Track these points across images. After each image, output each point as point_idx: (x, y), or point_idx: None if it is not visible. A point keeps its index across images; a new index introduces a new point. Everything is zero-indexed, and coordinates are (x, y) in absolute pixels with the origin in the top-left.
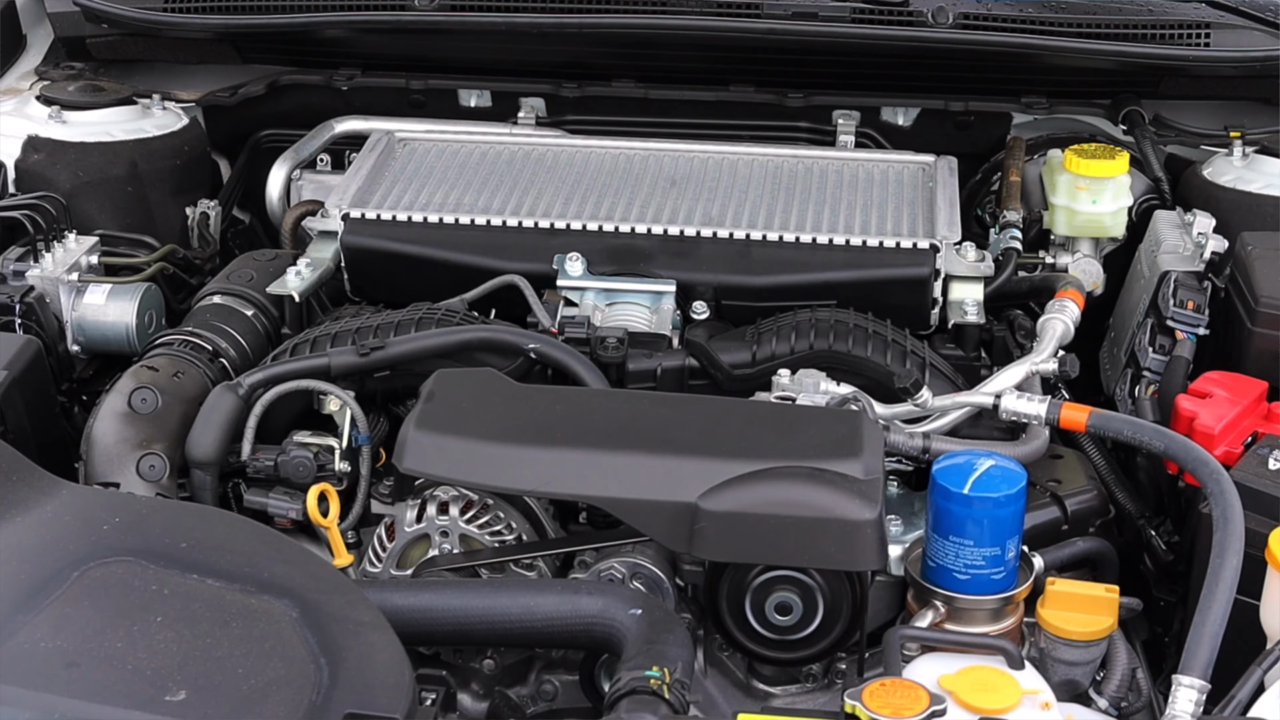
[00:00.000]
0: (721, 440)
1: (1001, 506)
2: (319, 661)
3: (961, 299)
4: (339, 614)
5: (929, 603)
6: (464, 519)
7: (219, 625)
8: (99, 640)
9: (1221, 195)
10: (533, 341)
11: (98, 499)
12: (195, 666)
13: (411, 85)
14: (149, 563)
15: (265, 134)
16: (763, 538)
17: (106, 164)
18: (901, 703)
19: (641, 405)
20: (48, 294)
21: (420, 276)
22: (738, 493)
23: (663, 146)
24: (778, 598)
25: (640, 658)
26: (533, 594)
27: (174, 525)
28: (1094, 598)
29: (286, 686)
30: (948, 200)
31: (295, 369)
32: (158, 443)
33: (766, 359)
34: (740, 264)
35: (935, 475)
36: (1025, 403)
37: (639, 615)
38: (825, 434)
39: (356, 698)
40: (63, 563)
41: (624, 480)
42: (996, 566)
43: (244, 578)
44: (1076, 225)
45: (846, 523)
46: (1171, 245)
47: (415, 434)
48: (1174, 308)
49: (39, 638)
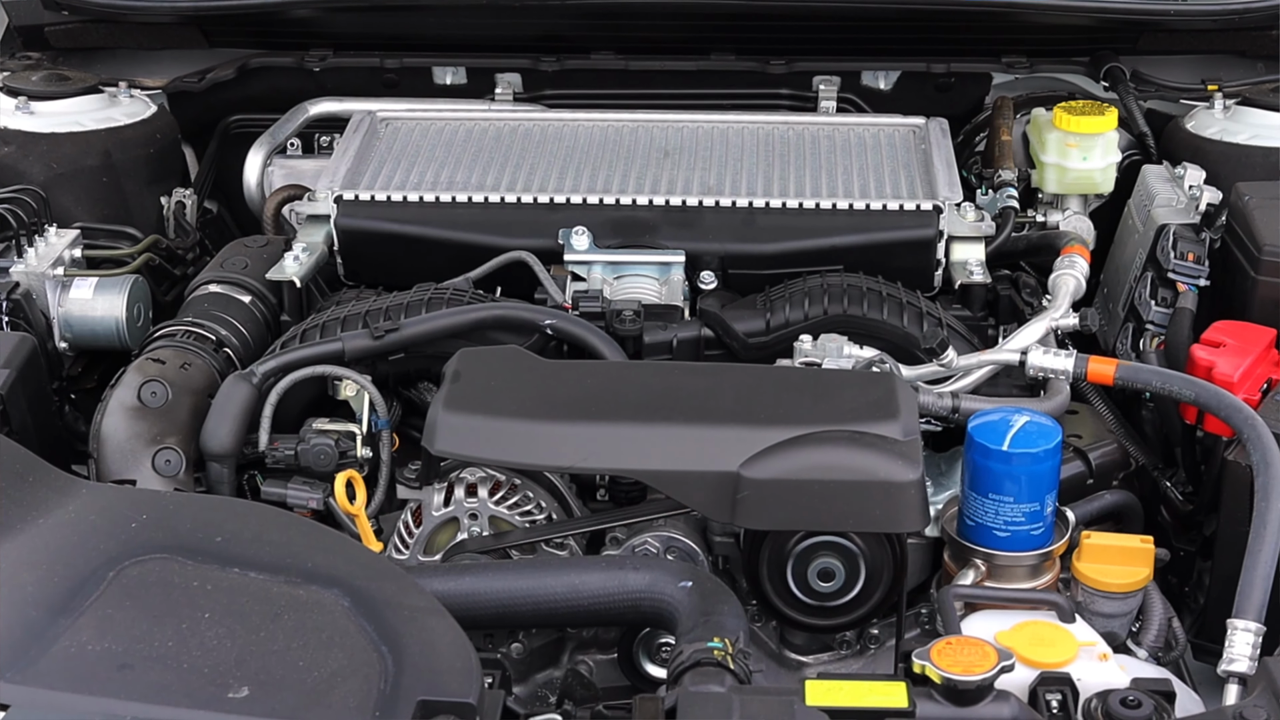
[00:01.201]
0: (758, 408)
1: (1040, 462)
2: (380, 650)
3: (964, 259)
4: (392, 600)
5: (969, 562)
6: (493, 500)
7: (270, 619)
8: (148, 640)
9: (1210, 148)
10: (549, 317)
11: (121, 496)
12: (253, 662)
13: (386, 64)
14: (185, 559)
15: (235, 119)
16: (806, 504)
17: (79, 154)
18: (971, 660)
19: (674, 376)
20: (33, 290)
21: (419, 257)
22: (779, 459)
23: (651, 118)
24: (820, 564)
25: (700, 630)
26: (578, 572)
27: (204, 519)
28: (1130, 549)
29: (352, 677)
30: (944, 161)
31: (308, 355)
32: (171, 436)
33: (781, 326)
34: (746, 232)
35: (972, 433)
36: (1052, 358)
37: (690, 587)
38: (861, 397)
39: (425, 684)
40: (96, 563)
41: (663, 452)
42: (1036, 522)
43: (287, 569)
44: (1067, 182)
45: (890, 484)
46: (1165, 199)
47: (445, 415)
48: (1175, 260)
49: (85, 640)
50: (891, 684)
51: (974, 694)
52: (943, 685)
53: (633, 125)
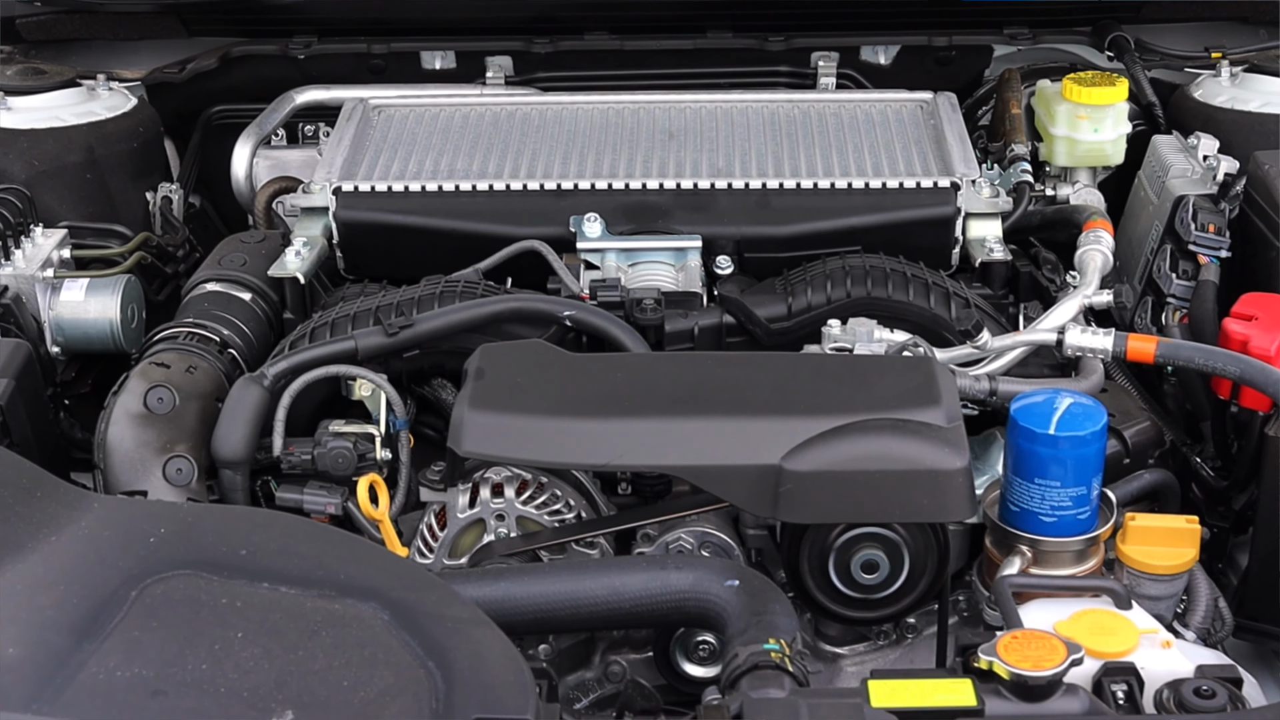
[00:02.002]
0: (796, 397)
1: (1087, 445)
2: (427, 666)
3: (982, 236)
4: (434, 612)
5: (1014, 549)
6: (520, 500)
7: (307, 636)
8: (180, 664)
9: (1222, 116)
10: (567, 309)
11: (135, 509)
12: (294, 683)
13: (373, 49)
14: (211, 574)
15: (217, 110)
16: (851, 495)
17: (62, 151)
18: (1040, 654)
19: (707, 367)
20: (22, 293)
21: (423, 249)
22: (822, 451)
23: (651, 99)
24: (863, 556)
25: (753, 631)
26: (618, 574)
27: (226, 531)
28: (1176, 530)
29: (400, 696)
30: (957, 136)
31: (320, 355)
32: (181, 444)
33: (803, 310)
34: (761, 214)
35: (1016, 417)
36: (1090, 337)
37: (737, 587)
38: (901, 383)
39: (479, 701)
40: (116, 582)
41: (701, 447)
42: (1082, 506)
43: (319, 582)
44: (1078, 155)
45: (938, 473)
46: (1180, 169)
47: (472, 414)
48: (1195, 232)
49: (112, 666)
50: (957, 681)
51: (1044, 689)
52: (1011, 681)
53: (633, 107)
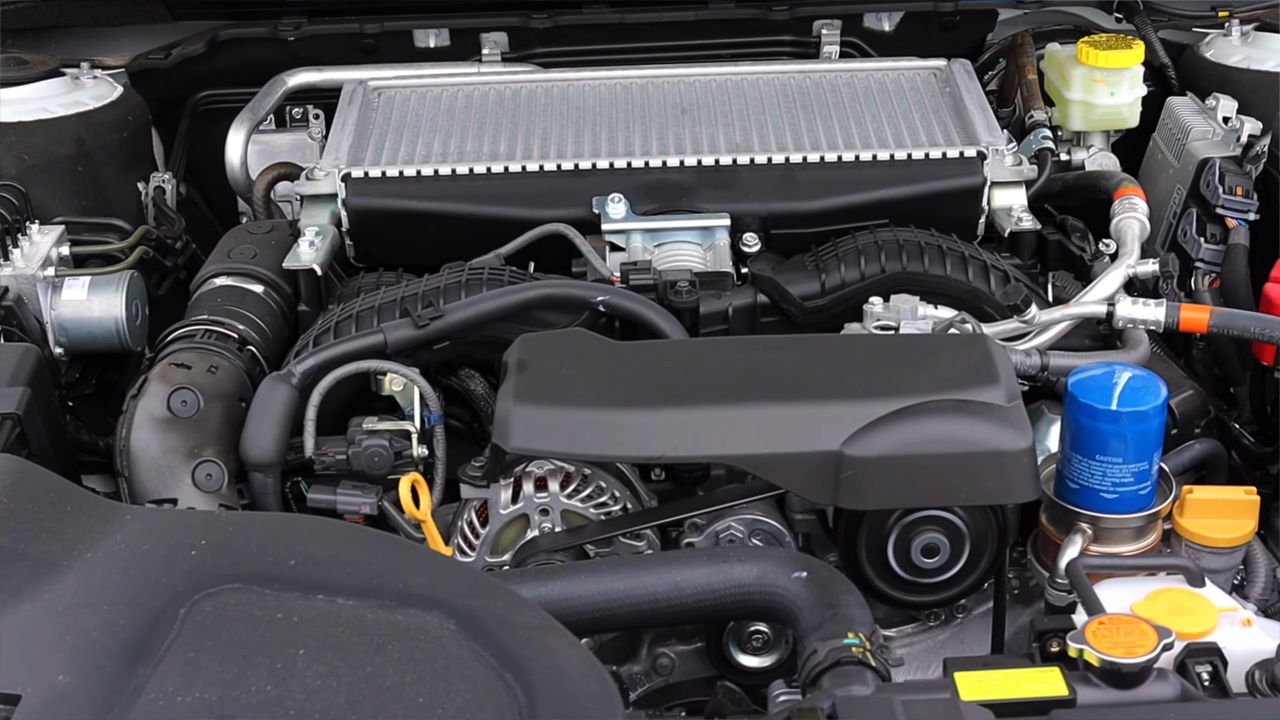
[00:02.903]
0: (852, 380)
1: (1149, 420)
2: (504, 678)
3: (1008, 205)
4: (502, 620)
5: (1075, 526)
6: (565, 494)
7: (373, 650)
8: (243, 685)
9: (1238, 77)
10: (600, 293)
11: (171, 521)
12: (366, 702)
13: (366, 29)
14: (261, 587)
15: (204, 96)
16: (914, 480)
17: (52, 143)
18: (1131, 640)
19: (757, 351)
20: (24, 294)
21: (439, 234)
22: (883, 435)
23: (659, 73)
24: (924, 540)
25: (829, 625)
26: (679, 568)
27: (271, 541)
28: (1234, 502)
29: (481, 710)
30: (977, 104)
31: (349, 350)
32: (208, 447)
33: (837, 288)
34: (787, 189)
35: (1075, 393)
36: (1142, 308)
37: (805, 578)
38: (957, 362)
39: (563, 712)
40: (162, 599)
41: (758, 435)
42: (1143, 482)
43: (377, 592)
44: (1094, 119)
45: (1002, 454)
46: (1200, 132)
47: (518, 409)
48: (1224, 195)
49: (172, 691)
50: (1045, 670)
51: (1136, 676)
52: (1101, 669)
53: (640, 81)
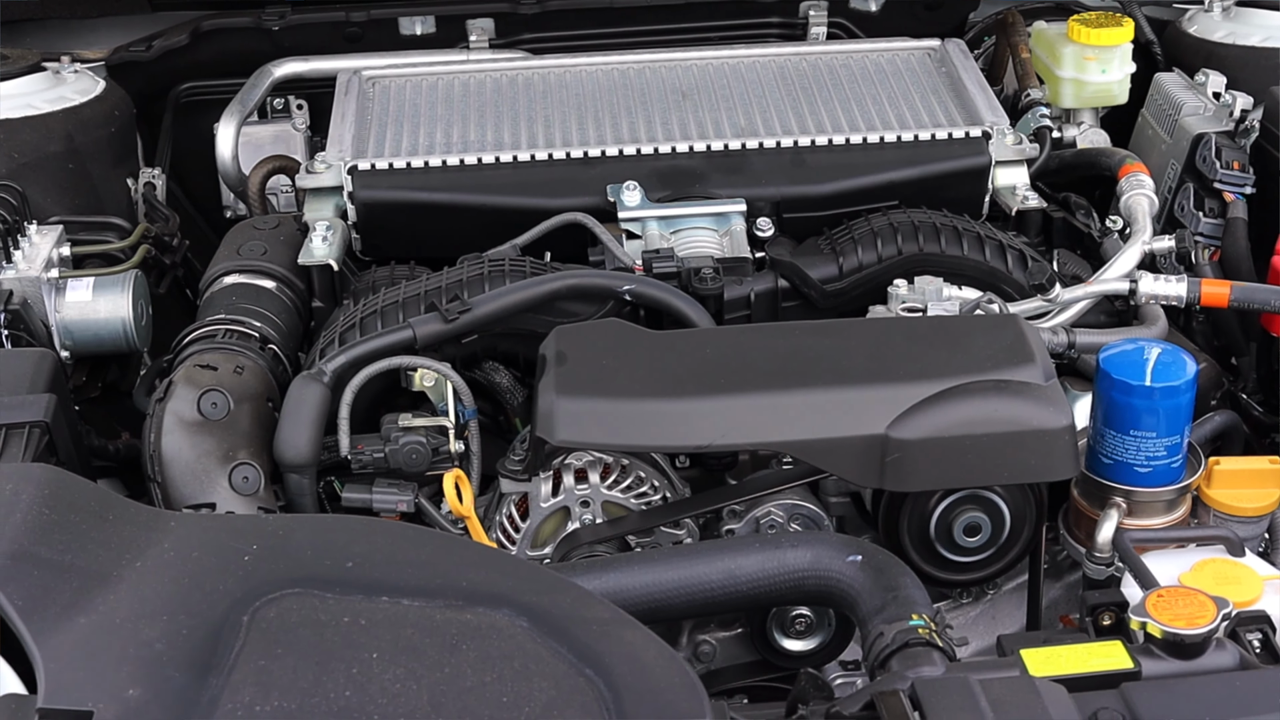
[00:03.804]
0: (893, 364)
1: (1182, 394)
2: (585, 673)
3: (1011, 184)
4: (574, 615)
5: (1109, 501)
6: (605, 485)
7: (448, 651)
8: (321, 693)
9: (1224, 53)
10: (626, 282)
11: (217, 526)
12: (450, 704)
13: (352, 17)
14: (322, 591)
15: (185, 88)
16: (959, 460)
17: (41, 141)
18: (1192, 612)
19: (797, 337)
20: (28, 297)
21: (450, 226)
22: (928, 417)
23: (655, 57)
24: (966, 519)
25: (892, 607)
26: (732, 556)
27: (323, 543)
28: (1260, 471)
29: (567, 708)
30: (976, 84)
31: (379, 346)
32: (242, 450)
33: (854, 270)
34: (798, 173)
35: (1108, 369)
36: (1164, 284)
37: (860, 561)
38: (994, 342)
39: (652, 707)
40: (222, 607)
41: (805, 421)
42: (1175, 455)
43: (441, 591)
44: (1085, 96)
45: (1044, 432)
46: (1193, 107)
47: (562, 401)
48: (1221, 170)
49: (250, 701)
50: (1107, 644)
51: (1198, 647)
52: (1164, 640)
53: (637, 67)
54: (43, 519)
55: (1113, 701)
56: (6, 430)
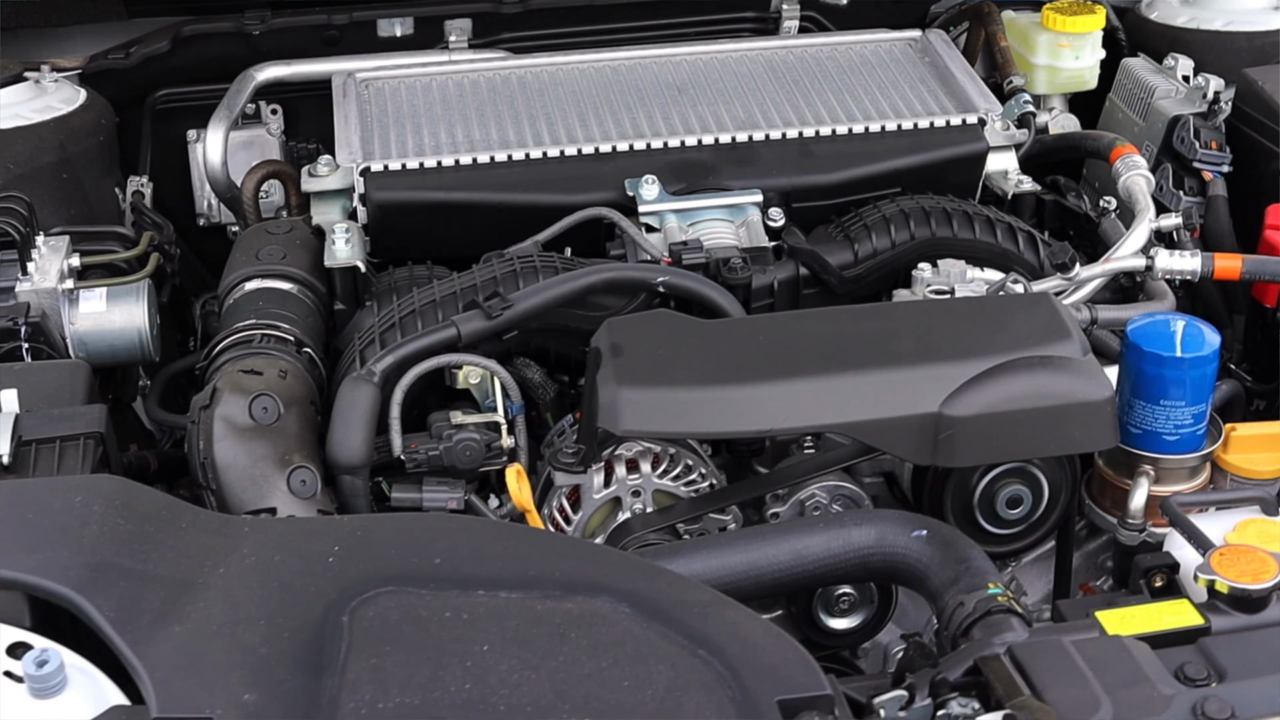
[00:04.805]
0: (940, 344)
1: (1209, 364)
2: (699, 654)
3: (1003, 169)
4: (673, 599)
5: (1139, 469)
6: (656, 474)
7: (557, 640)
8: (441, 687)
9: (1189, 37)
10: (659, 274)
11: (293, 530)
12: (573, 691)
13: (334, 19)
14: (416, 588)
15: (162, 94)
16: (1009, 435)
17: (35, 151)
18: (1256, 568)
19: (844, 322)
20: (45, 309)
21: (467, 225)
22: (978, 394)
23: (645, 54)
24: (1009, 492)
25: (967, 578)
26: (798, 537)
27: (404, 542)
28: (1273, 436)
29: (690, 688)
30: (964, 72)
31: (425, 345)
32: (296, 453)
33: (869, 256)
34: (807, 163)
35: (1138, 342)
36: (1179, 259)
37: (925, 536)
38: (1032, 320)
39: (772, 683)
40: (318, 608)
41: (861, 402)
42: (1200, 423)
43: (535, 583)
44: (1058, 83)
45: (1089, 404)
46: (1165, 90)
47: (626, 392)
48: (1200, 150)
49: (370, 699)
50: (1175, 603)
51: (1261, 600)
52: (1231, 595)
53: (629, 64)
54: (119, 530)
55: (1193, 656)
56: (61, 442)
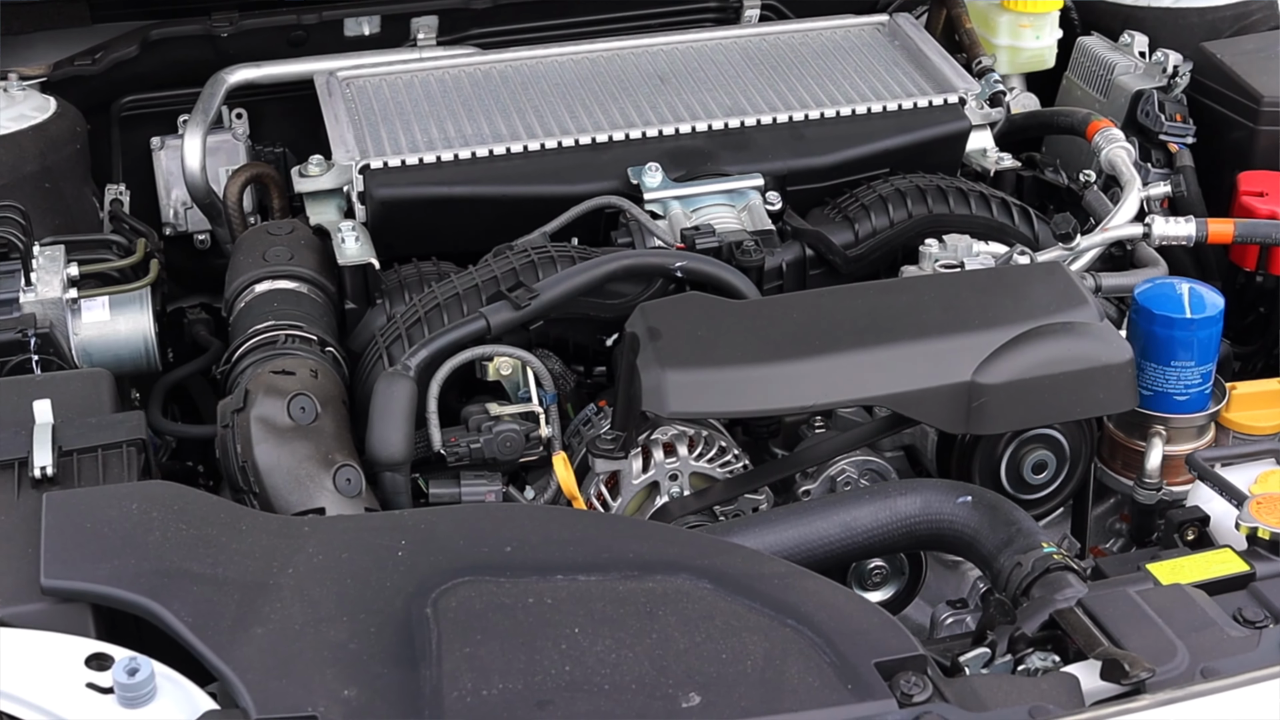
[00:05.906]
0: (966, 315)
1: (1214, 324)
2: (789, 624)
3: (981, 147)
4: (752, 572)
5: (1152, 430)
6: (693, 457)
7: (645, 618)
8: (541, 670)
9: (1144, 15)
10: (676, 260)
11: (355, 527)
12: (674, 666)
13: (303, 19)
14: (494, 577)
15: (128, 100)
16: (1038, 400)
17: (17, 161)
18: None
19: (872, 297)
20: (51, 319)
21: (470, 219)
22: (1009, 361)
23: (621, 45)
24: (1035, 458)
25: (1020, 539)
26: (845, 510)
27: (470, 532)
28: (1271, 393)
29: (788, 656)
30: (938, 53)
31: (457, 338)
32: (338, 452)
33: (869, 235)
34: (800, 146)
35: (1148, 306)
36: (1174, 225)
37: (970, 502)
38: (1049, 289)
39: (865, 647)
40: (399, 602)
41: (898, 374)
42: (1207, 383)
43: (611, 565)
44: (1020, 62)
45: (1112, 367)
46: (1124, 66)
47: (670, 374)
48: (1166, 122)
49: (474, 686)
50: (1219, 552)
51: None
52: (1271, 541)
53: (606, 55)
54: (183, 535)
55: (1247, 600)
56: (103, 451)
